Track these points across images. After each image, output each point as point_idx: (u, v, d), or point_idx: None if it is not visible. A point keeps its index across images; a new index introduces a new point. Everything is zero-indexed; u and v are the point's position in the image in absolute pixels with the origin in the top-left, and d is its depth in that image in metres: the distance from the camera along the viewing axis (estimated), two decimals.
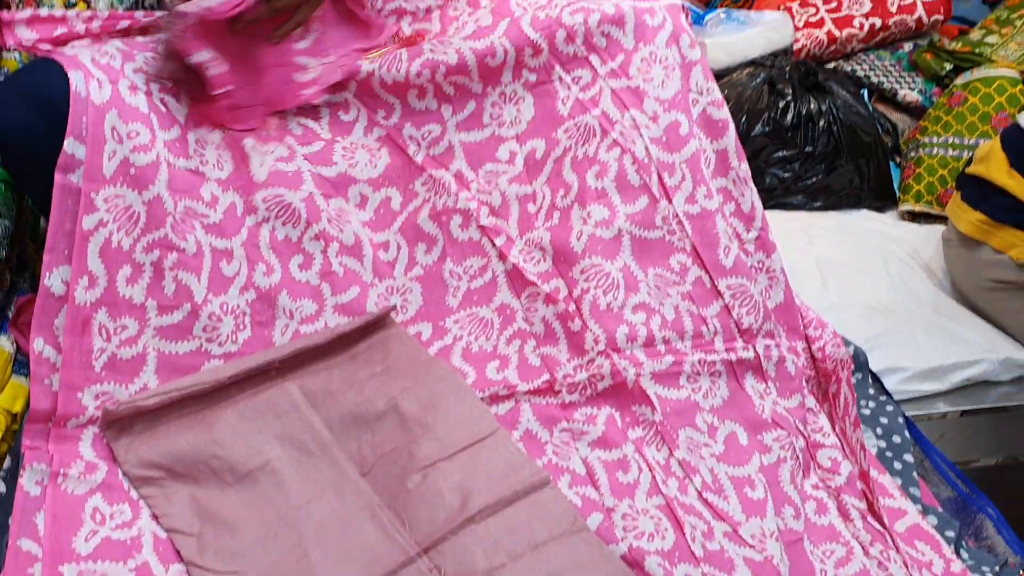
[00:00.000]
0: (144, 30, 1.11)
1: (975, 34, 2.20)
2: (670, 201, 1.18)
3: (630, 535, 0.95)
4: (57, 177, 0.94)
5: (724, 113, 1.21)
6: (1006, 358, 1.48)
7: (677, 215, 1.18)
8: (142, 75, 1.04)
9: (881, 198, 1.93)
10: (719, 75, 1.95)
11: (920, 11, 2.16)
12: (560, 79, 1.20)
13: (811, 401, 1.20)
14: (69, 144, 0.94)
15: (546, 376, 1.13)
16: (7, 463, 0.94)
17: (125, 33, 1.10)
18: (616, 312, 1.13)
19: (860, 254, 1.72)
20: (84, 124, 0.95)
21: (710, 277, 1.17)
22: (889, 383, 1.38)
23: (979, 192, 1.56)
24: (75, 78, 0.96)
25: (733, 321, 1.17)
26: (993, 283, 1.56)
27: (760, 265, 1.22)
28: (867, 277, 1.65)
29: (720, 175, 1.22)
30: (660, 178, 1.18)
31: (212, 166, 1.06)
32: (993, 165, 1.53)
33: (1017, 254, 1.49)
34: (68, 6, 1.09)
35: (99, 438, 0.95)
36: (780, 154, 1.85)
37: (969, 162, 1.63)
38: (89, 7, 1.10)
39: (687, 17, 1.23)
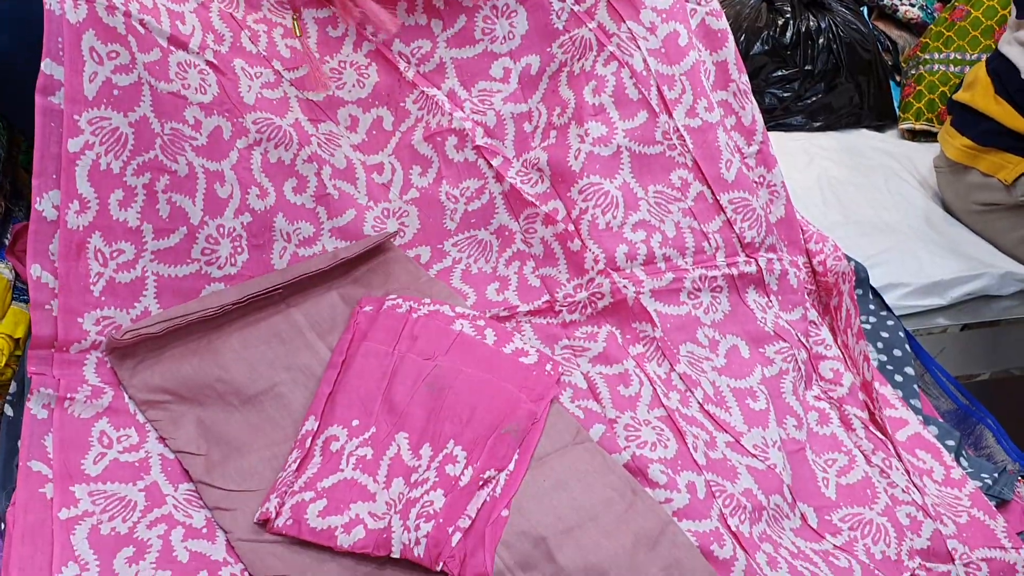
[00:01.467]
0: None
1: None
2: (670, 115, 1.16)
3: (633, 444, 0.96)
4: (38, 99, 0.91)
5: (723, 23, 1.18)
6: (1006, 272, 1.49)
7: (677, 129, 1.16)
8: None
9: (881, 117, 1.92)
10: None
11: None
12: None
13: (813, 314, 1.19)
14: (46, 65, 0.91)
15: (546, 297, 1.12)
16: (12, 387, 0.94)
17: None
18: (615, 231, 1.13)
19: (860, 172, 1.72)
20: (60, 44, 0.92)
21: (711, 192, 1.16)
22: (890, 299, 1.38)
23: (966, 118, 1.55)
24: None
25: (735, 235, 1.16)
26: (983, 206, 1.55)
27: (761, 179, 1.21)
28: (868, 195, 1.65)
29: (720, 88, 1.19)
30: (660, 91, 1.15)
31: (194, 90, 1.03)
32: (979, 92, 1.52)
33: (1006, 176, 1.49)
34: None
35: (103, 363, 0.95)
36: (779, 73, 1.83)
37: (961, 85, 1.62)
38: None
39: None
